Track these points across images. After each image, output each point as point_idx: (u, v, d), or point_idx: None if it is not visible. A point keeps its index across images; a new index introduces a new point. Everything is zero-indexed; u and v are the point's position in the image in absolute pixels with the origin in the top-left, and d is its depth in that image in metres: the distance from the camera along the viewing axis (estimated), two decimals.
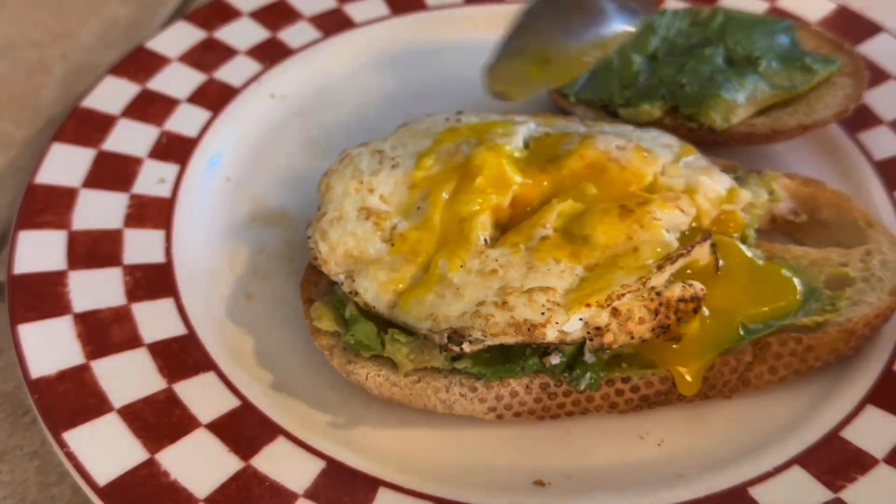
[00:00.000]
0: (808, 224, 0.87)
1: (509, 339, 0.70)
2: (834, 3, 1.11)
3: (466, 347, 0.71)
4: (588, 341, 0.71)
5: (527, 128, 0.86)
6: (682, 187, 0.81)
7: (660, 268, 0.73)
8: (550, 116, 0.92)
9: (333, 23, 1.13)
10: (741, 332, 0.75)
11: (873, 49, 1.05)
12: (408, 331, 0.74)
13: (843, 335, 0.76)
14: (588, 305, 0.70)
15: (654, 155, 0.82)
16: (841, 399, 0.77)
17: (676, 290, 0.72)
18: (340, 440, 0.75)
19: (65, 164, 0.93)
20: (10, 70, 1.14)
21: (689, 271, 0.76)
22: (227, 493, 0.68)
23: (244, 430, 0.73)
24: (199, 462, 0.70)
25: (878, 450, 0.72)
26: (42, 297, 0.80)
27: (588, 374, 0.73)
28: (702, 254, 0.76)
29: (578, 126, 0.88)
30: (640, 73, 0.97)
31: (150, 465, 0.69)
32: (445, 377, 0.73)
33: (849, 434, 0.74)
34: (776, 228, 0.87)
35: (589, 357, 0.73)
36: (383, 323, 0.75)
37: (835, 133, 0.99)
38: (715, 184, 0.81)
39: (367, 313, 0.76)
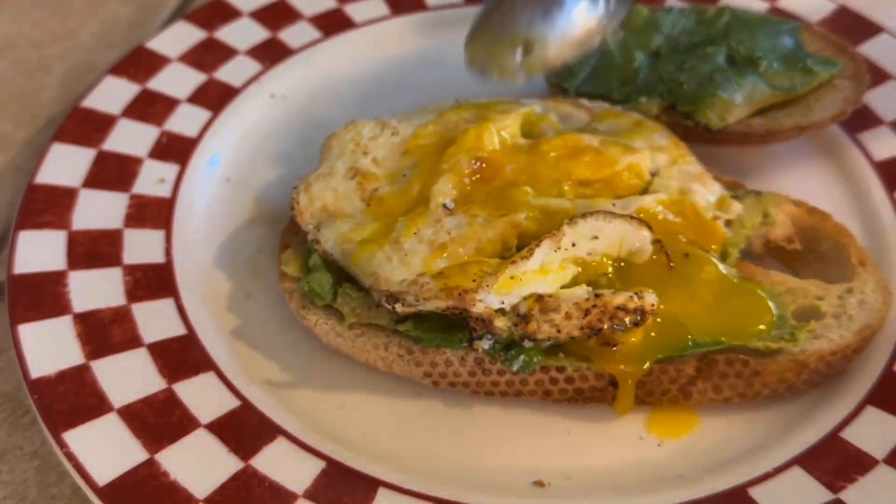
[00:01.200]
0: (803, 254, 0.85)
1: (440, 304, 0.71)
2: (834, 3, 1.11)
3: (399, 308, 0.72)
4: (513, 327, 0.72)
5: (530, 110, 0.87)
6: (676, 190, 0.81)
7: (572, 221, 0.73)
8: (559, 100, 0.92)
9: (333, 23, 1.13)
10: (687, 343, 0.73)
11: (873, 49, 1.05)
12: (362, 288, 0.77)
13: (794, 366, 0.74)
14: (513, 262, 0.71)
15: (634, 149, 0.82)
16: (841, 399, 0.77)
17: (619, 297, 0.71)
18: (340, 440, 0.75)
19: (65, 164, 0.93)
20: (10, 70, 1.14)
21: (634, 264, 0.75)
22: (226, 493, 0.68)
23: (244, 430, 0.73)
24: (198, 462, 0.70)
25: (877, 450, 0.72)
26: (42, 296, 0.80)
27: (522, 357, 0.73)
28: (639, 240, 0.75)
29: (582, 115, 0.89)
30: (641, 69, 0.97)
31: (149, 465, 0.69)
32: (387, 336, 0.76)
33: (849, 434, 0.74)
34: (770, 253, 0.86)
35: (527, 342, 0.73)
36: (342, 278, 0.78)
37: (835, 133, 0.99)
38: (706, 191, 0.81)
39: (329, 266, 0.79)
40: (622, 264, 0.75)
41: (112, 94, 1.01)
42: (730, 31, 0.99)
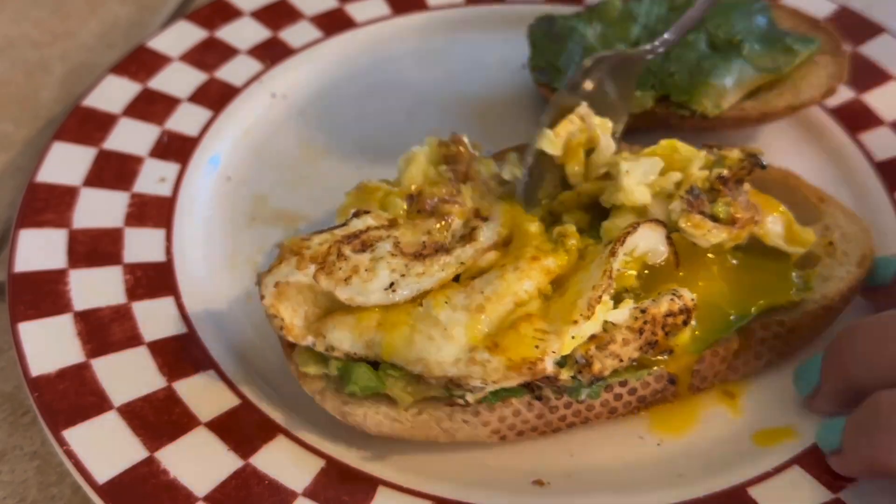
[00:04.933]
0: None
1: (512, 382, 0.67)
2: (834, 4, 1.11)
3: (470, 398, 0.68)
4: (578, 374, 0.69)
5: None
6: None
7: (612, 253, 0.69)
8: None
9: (335, 22, 1.13)
10: (730, 321, 0.74)
11: (873, 49, 1.05)
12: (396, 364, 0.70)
13: (822, 312, 0.77)
14: (575, 322, 0.67)
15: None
16: None
17: (663, 305, 0.70)
18: (340, 439, 0.74)
19: (66, 163, 0.93)
20: (10, 70, 1.14)
21: (646, 271, 0.74)
22: (226, 491, 0.68)
23: (244, 428, 0.73)
24: (198, 460, 0.70)
25: None
26: (42, 295, 0.80)
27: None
28: (655, 241, 0.73)
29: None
30: None
31: (149, 463, 0.69)
32: (447, 404, 0.70)
33: None
34: None
35: (597, 382, 0.71)
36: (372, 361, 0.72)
37: (835, 133, 0.99)
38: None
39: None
40: (645, 272, 0.74)
41: (113, 94, 1.01)
42: (704, 15, 0.99)
